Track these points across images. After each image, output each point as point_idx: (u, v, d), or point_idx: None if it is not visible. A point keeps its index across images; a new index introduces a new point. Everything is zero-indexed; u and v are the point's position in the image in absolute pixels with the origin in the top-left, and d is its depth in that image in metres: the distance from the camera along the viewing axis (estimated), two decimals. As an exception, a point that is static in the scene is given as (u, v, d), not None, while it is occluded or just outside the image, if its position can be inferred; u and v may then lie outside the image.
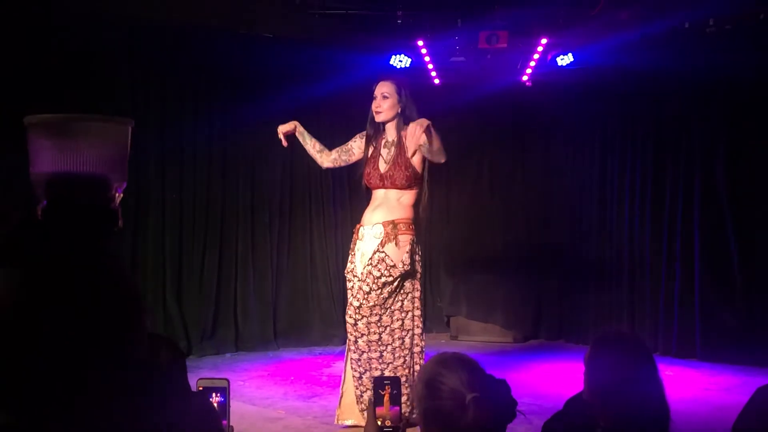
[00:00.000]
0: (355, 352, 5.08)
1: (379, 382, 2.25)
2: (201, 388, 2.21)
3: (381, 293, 4.98)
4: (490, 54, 7.97)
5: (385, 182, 5.14)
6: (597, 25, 7.70)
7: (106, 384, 0.92)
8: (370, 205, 5.32)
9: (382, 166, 5.17)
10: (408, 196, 5.18)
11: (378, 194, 5.23)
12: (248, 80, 8.55)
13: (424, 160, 5.18)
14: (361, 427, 4.96)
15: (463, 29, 7.85)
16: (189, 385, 1.16)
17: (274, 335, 8.72)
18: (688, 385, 7.07)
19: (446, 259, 9.71)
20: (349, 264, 5.24)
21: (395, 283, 5.02)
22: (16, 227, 0.91)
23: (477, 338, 9.18)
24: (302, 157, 8.96)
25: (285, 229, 8.93)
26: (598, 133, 9.09)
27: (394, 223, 5.06)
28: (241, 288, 8.58)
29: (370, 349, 5.02)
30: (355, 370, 5.08)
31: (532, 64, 8.22)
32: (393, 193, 5.16)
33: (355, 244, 5.23)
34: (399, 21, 7.84)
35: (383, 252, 5.01)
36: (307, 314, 8.97)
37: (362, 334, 5.02)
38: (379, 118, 5.21)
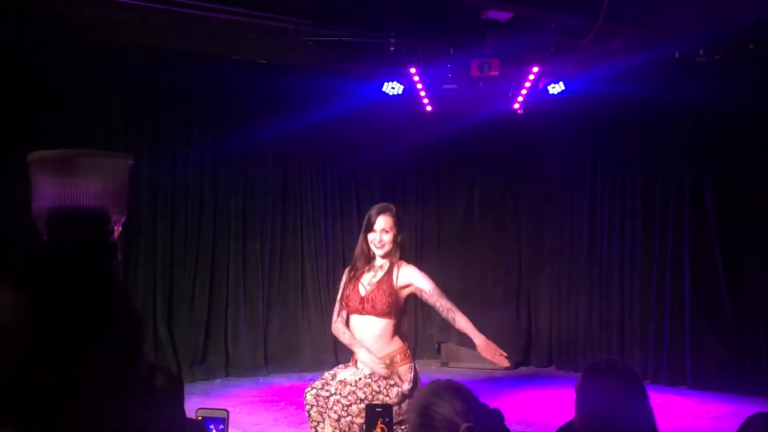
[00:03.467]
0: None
1: (371, 411, 2.25)
2: (200, 418, 2.20)
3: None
4: (482, 82, 8.01)
5: (365, 306, 4.85)
6: (588, 55, 7.76)
7: (106, 407, 0.96)
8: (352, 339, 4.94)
9: (363, 290, 4.87)
10: (387, 327, 4.82)
11: (355, 323, 4.89)
12: (241, 107, 8.59)
13: (408, 296, 4.95)
14: None
15: (456, 57, 7.90)
16: (184, 412, 1.19)
17: (264, 361, 8.70)
18: (679, 413, 7.07)
19: (437, 285, 9.69)
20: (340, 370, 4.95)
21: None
22: (21, 254, 0.95)
23: (467, 365, 9.15)
24: (294, 183, 9.05)
25: (276, 255, 8.92)
26: (589, 161, 9.14)
27: (390, 358, 4.87)
28: (231, 314, 8.56)
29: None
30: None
31: (524, 92, 8.26)
32: (372, 322, 4.82)
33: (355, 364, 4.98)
34: (392, 48, 7.88)
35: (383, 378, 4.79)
36: (298, 340, 8.95)
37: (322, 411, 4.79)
38: (381, 254, 5.01)
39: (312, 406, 4.71)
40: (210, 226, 8.49)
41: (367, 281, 4.88)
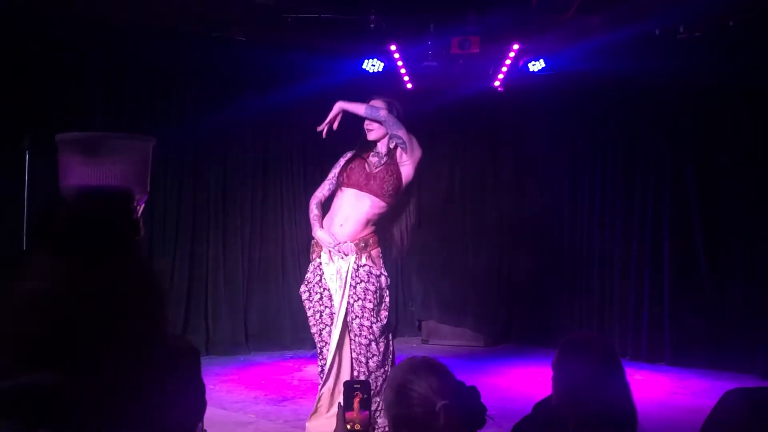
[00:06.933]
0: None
1: (348, 387, 2.25)
2: None
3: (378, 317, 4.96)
4: (463, 59, 7.99)
5: (370, 182, 4.99)
6: (569, 31, 7.74)
7: (132, 364, 1.06)
8: (332, 213, 5.13)
9: (370, 168, 5.06)
10: (377, 211, 5.02)
11: (349, 198, 5.06)
12: (220, 83, 8.54)
13: (409, 183, 5.11)
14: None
15: (436, 34, 7.87)
16: (201, 378, 1.31)
17: (245, 339, 8.68)
18: (657, 389, 7.13)
19: (418, 263, 9.72)
20: (317, 281, 5.16)
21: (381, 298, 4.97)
22: (59, 223, 1.07)
23: (448, 342, 9.19)
24: (274, 161, 9.01)
25: (257, 233, 8.89)
26: (569, 139, 9.15)
27: (364, 240, 4.99)
28: (211, 291, 8.53)
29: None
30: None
31: (504, 69, 8.25)
32: (366, 202, 5.00)
33: (319, 267, 5.12)
34: (372, 25, 7.84)
35: (366, 265, 4.95)
36: (279, 318, 8.93)
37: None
38: (370, 137, 5.11)
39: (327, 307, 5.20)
40: (189, 203, 8.44)
41: (374, 164, 4.98)
